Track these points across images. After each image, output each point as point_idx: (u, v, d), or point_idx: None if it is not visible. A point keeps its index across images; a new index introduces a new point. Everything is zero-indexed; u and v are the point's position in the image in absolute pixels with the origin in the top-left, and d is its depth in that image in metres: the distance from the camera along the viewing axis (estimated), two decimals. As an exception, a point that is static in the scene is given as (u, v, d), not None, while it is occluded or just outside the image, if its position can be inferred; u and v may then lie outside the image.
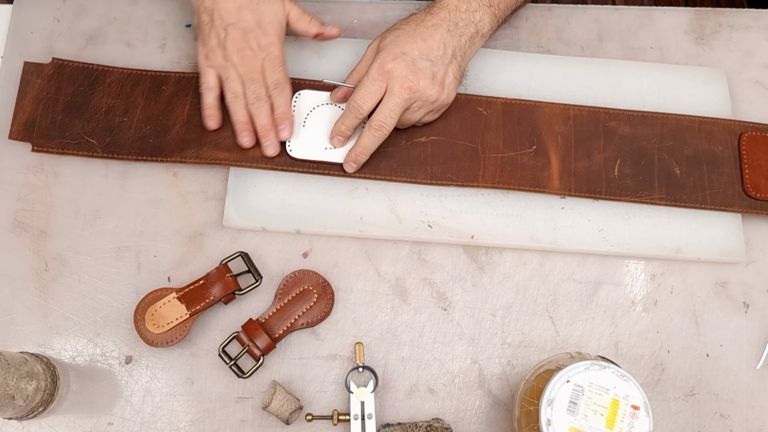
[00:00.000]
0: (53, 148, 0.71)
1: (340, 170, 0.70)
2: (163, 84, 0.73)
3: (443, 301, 0.69)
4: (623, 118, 0.72)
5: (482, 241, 0.69)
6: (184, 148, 0.70)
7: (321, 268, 0.69)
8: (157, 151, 0.71)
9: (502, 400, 0.66)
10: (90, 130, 0.72)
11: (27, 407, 0.62)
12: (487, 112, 0.72)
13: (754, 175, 0.71)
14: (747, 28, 0.79)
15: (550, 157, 0.71)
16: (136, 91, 0.73)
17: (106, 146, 0.71)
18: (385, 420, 0.65)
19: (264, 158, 0.70)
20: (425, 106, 0.68)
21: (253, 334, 0.65)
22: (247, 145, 0.70)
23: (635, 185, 0.70)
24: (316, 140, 0.70)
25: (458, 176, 0.70)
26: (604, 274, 0.70)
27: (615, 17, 0.79)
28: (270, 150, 0.70)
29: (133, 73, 0.74)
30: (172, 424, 0.65)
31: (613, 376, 0.54)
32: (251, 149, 0.70)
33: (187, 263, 0.69)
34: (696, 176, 0.71)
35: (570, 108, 0.72)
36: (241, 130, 0.70)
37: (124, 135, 0.71)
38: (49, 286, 0.69)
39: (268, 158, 0.70)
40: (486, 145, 0.71)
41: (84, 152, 0.71)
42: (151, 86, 0.73)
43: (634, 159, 0.71)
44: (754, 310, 0.69)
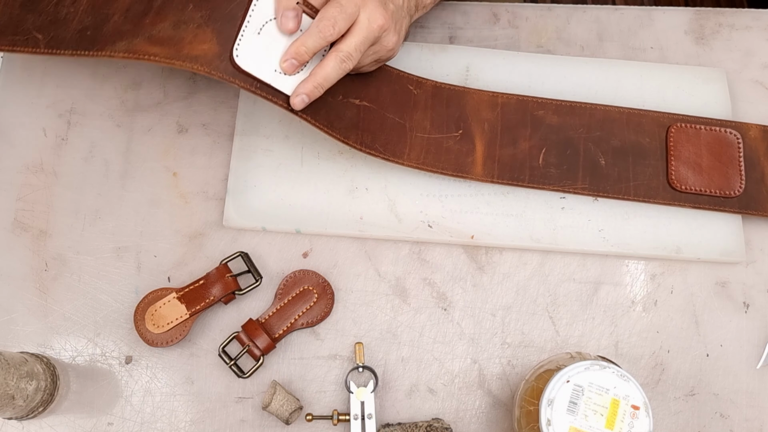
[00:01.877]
0: (5, 45, 0.65)
1: (285, 102, 0.60)
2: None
3: (443, 301, 0.69)
4: (551, 107, 0.72)
5: (482, 241, 0.70)
6: (116, 41, 0.61)
7: (321, 268, 0.69)
8: (90, 45, 0.62)
9: (502, 400, 0.66)
10: (39, 23, 0.65)
11: (27, 407, 0.62)
12: (417, 91, 0.71)
13: (680, 167, 0.71)
14: (747, 28, 0.79)
15: (476, 143, 0.70)
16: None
17: (49, 41, 0.64)
18: (385, 420, 0.65)
19: (197, 58, 0.58)
20: (379, 52, 0.64)
21: (253, 334, 0.65)
22: (292, 29, 0.59)
23: (559, 174, 0.70)
24: (268, 57, 0.60)
25: (386, 150, 0.68)
26: (604, 274, 0.70)
27: (615, 17, 0.80)
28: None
29: None
30: (172, 424, 0.65)
31: (613, 376, 0.54)
32: (186, 46, 0.59)
33: (187, 263, 0.69)
34: (621, 167, 0.71)
35: (498, 96, 0.72)
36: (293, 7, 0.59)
37: (66, 27, 0.64)
38: (49, 286, 0.69)
39: (203, 61, 0.58)
40: (414, 124, 0.70)
41: (30, 48, 0.64)
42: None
43: (559, 148, 0.71)
44: (754, 310, 0.69)
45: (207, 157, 0.73)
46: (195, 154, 0.73)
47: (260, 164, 0.72)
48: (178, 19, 0.60)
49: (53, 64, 0.76)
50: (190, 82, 0.76)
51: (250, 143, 0.72)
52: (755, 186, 0.70)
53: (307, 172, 0.71)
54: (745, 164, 0.71)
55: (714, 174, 0.71)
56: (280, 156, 0.72)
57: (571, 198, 0.71)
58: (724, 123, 0.73)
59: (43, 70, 0.76)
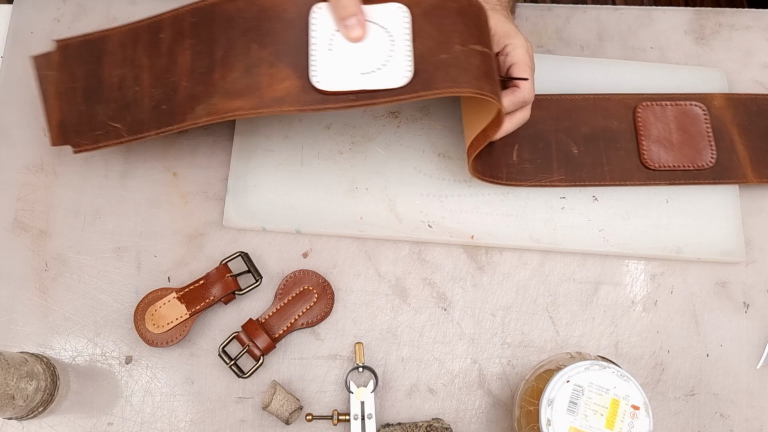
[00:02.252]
0: (89, 144, 0.64)
1: (386, 96, 0.56)
2: (159, 32, 0.62)
3: (443, 301, 0.69)
4: None
5: (482, 241, 0.69)
6: (194, 107, 0.58)
7: (321, 268, 0.69)
8: (171, 119, 0.60)
9: (502, 400, 0.66)
10: (111, 113, 0.63)
11: (27, 407, 0.62)
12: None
13: (651, 146, 0.71)
14: (747, 28, 0.79)
15: None
16: (138, 49, 0.62)
17: (129, 127, 0.62)
18: (385, 420, 0.65)
19: (284, 100, 0.55)
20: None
21: (253, 334, 0.65)
22: (360, 36, 0.56)
23: (534, 169, 0.70)
24: (349, 65, 0.56)
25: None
26: (604, 274, 0.70)
27: (615, 17, 0.79)
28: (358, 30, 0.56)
29: (130, 30, 0.64)
30: (172, 424, 0.65)
31: (613, 376, 0.54)
32: (267, 90, 0.56)
33: (187, 263, 0.69)
34: (594, 154, 0.71)
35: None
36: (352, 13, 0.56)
37: (140, 108, 0.62)
38: (49, 286, 0.69)
39: (290, 101, 0.55)
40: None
41: (114, 140, 0.63)
42: (150, 39, 0.62)
43: (531, 143, 0.71)
44: (754, 310, 0.69)
45: (207, 157, 0.73)
46: (195, 154, 0.73)
47: (260, 164, 0.72)
48: (247, 64, 0.57)
49: (53, 64, 0.76)
50: (190, 82, 0.76)
51: (250, 143, 0.72)
52: (726, 155, 0.71)
53: (307, 172, 0.71)
54: (714, 134, 0.72)
55: (685, 148, 0.71)
56: (280, 156, 0.72)
57: (571, 198, 0.71)
58: (688, 96, 0.73)
59: (43, 70, 0.76)
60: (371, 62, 0.56)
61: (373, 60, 0.56)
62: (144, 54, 0.63)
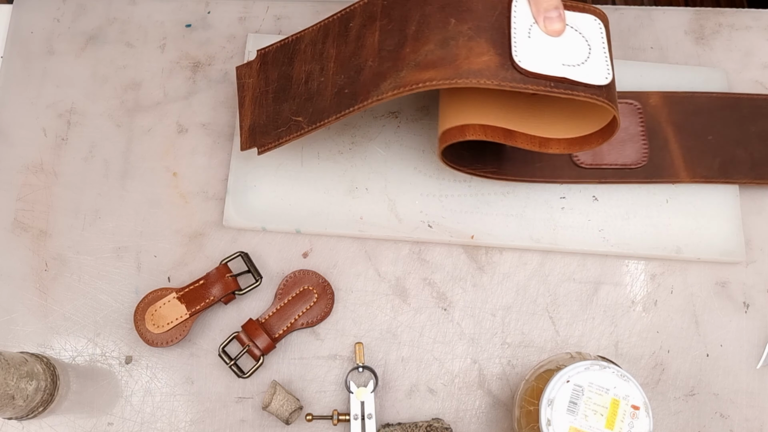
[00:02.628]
0: (271, 142, 0.64)
1: (586, 91, 0.56)
2: (350, 21, 0.63)
3: (443, 301, 0.69)
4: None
5: (482, 241, 0.69)
6: (379, 83, 0.58)
7: (321, 268, 0.69)
8: (353, 101, 0.59)
9: (502, 400, 0.66)
10: (296, 107, 0.64)
11: (27, 407, 0.62)
12: None
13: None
14: (747, 28, 0.79)
15: None
16: (327, 42, 0.64)
17: (310, 118, 0.62)
18: (385, 420, 0.65)
19: (481, 72, 0.55)
20: None
21: (253, 334, 0.65)
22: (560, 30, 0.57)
23: (471, 156, 0.69)
24: (549, 55, 0.56)
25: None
26: (604, 274, 0.70)
27: (615, 17, 0.79)
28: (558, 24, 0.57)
29: (322, 26, 0.65)
30: (172, 424, 0.65)
31: (613, 376, 0.54)
32: (464, 62, 0.55)
33: (187, 263, 0.69)
34: (525, 149, 0.68)
35: None
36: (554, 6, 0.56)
37: (322, 97, 0.62)
38: (49, 286, 0.69)
39: (488, 74, 0.55)
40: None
41: (294, 134, 0.63)
42: (340, 30, 0.63)
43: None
44: (754, 310, 0.69)
45: (207, 157, 0.73)
46: (195, 154, 0.73)
47: (260, 164, 0.72)
48: (444, 37, 0.57)
49: (53, 64, 0.76)
50: (190, 82, 0.76)
51: (250, 143, 0.72)
52: (659, 153, 0.71)
53: (307, 172, 0.71)
54: (647, 133, 0.71)
55: (616, 146, 0.70)
56: (280, 156, 0.72)
57: (571, 198, 0.71)
58: (623, 94, 0.73)
59: (43, 70, 0.76)
60: (572, 57, 0.57)
61: (574, 56, 0.57)
62: (332, 45, 0.63)
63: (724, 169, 0.71)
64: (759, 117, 0.73)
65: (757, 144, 0.72)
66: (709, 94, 0.73)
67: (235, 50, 0.77)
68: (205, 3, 0.79)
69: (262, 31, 0.78)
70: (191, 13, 0.79)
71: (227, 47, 0.77)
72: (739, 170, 0.71)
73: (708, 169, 0.70)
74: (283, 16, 0.79)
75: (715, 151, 0.71)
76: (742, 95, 0.73)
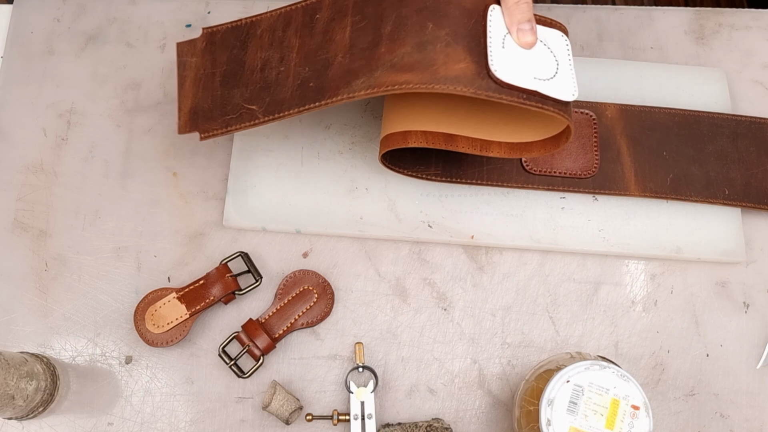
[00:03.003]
0: (218, 129, 0.62)
1: (555, 106, 0.56)
2: (316, 12, 0.61)
3: (443, 301, 0.69)
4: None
5: (482, 241, 0.70)
6: (350, 81, 0.57)
7: (321, 268, 0.69)
8: (319, 95, 0.58)
9: (502, 400, 0.66)
10: (248, 95, 0.61)
11: (27, 407, 0.62)
12: None
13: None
14: (747, 28, 0.79)
15: None
16: (289, 31, 0.62)
17: (266, 108, 0.60)
18: (385, 420, 0.65)
19: (457, 79, 0.54)
20: None
21: (253, 334, 0.65)
22: (532, 43, 0.57)
23: (413, 158, 0.68)
24: (522, 67, 0.56)
25: None
26: (604, 274, 0.70)
27: (615, 17, 0.79)
28: (531, 36, 0.57)
29: (282, 12, 0.63)
30: (172, 424, 0.65)
31: (613, 376, 0.54)
32: (441, 68, 0.55)
33: (187, 263, 0.69)
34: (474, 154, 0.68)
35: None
36: (527, 19, 0.57)
37: (282, 88, 0.60)
38: (49, 286, 0.69)
39: (464, 81, 0.54)
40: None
41: (246, 123, 0.61)
42: (304, 20, 0.61)
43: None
44: (754, 310, 0.69)
45: (207, 157, 0.73)
46: (195, 154, 0.73)
47: (260, 164, 0.72)
48: (421, 40, 0.56)
49: (53, 64, 0.76)
50: (190, 82, 0.76)
51: (250, 143, 0.72)
52: (610, 165, 0.70)
53: (307, 172, 0.71)
54: (600, 144, 0.71)
55: (567, 155, 0.70)
56: (280, 156, 0.72)
57: (571, 198, 0.71)
58: (580, 104, 0.72)
59: (43, 70, 0.76)
60: (542, 71, 0.57)
61: (544, 70, 0.57)
62: (295, 35, 0.61)
63: (675, 186, 0.70)
64: (718, 136, 0.72)
65: (714, 163, 0.71)
66: (668, 110, 0.73)
67: (235, 50, 0.77)
68: (205, 3, 0.79)
69: (262, 31, 0.78)
70: (191, 13, 0.79)
71: (227, 47, 0.77)
72: (692, 188, 0.70)
73: (659, 185, 0.70)
74: (283, 16, 0.79)
75: (669, 168, 0.71)
76: (702, 113, 0.73)
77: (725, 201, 0.70)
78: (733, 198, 0.70)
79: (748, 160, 0.72)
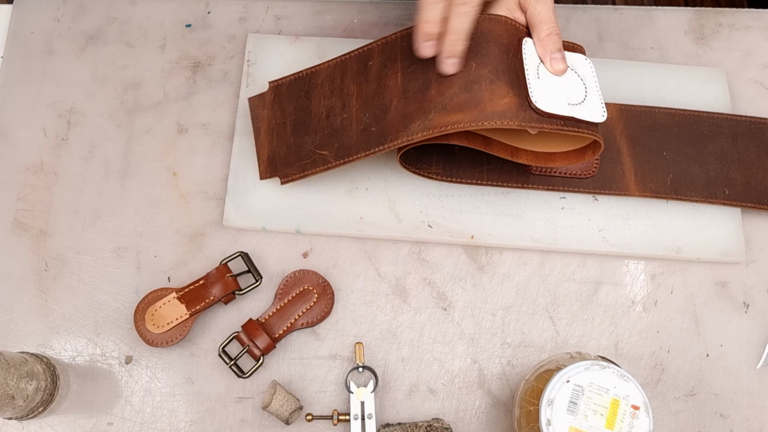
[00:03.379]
0: (295, 173, 0.67)
1: (588, 128, 0.61)
2: (368, 59, 0.66)
3: (443, 301, 0.69)
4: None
5: (482, 241, 0.69)
6: (408, 124, 0.61)
7: (321, 268, 0.69)
8: (381, 139, 0.62)
9: (502, 400, 0.66)
10: (319, 141, 0.66)
11: (27, 407, 0.62)
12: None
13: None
14: (747, 28, 0.79)
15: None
16: (346, 79, 0.67)
17: (336, 153, 0.65)
18: (385, 420, 0.65)
19: (504, 114, 0.58)
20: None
21: (253, 334, 0.65)
22: (428, 55, 0.60)
23: (416, 155, 0.69)
24: (557, 93, 0.61)
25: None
26: (604, 274, 0.70)
27: (615, 17, 0.79)
28: (452, 67, 0.60)
29: (338, 62, 0.68)
30: (172, 424, 0.65)
31: (613, 376, 0.54)
32: (488, 105, 0.59)
33: (187, 263, 0.69)
34: (474, 152, 0.69)
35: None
36: (427, 35, 0.60)
37: (348, 133, 0.65)
38: (49, 286, 0.69)
39: (510, 115, 0.58)
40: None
41: (321, 167, 0.66)
42: (358, 68, 0.66)
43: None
44: (754, 310, 0.69)
45: (207, 157, 0.73)
46: (195, 154, 0.73)
47: (260, 164, 0.72)
48: (466, 81, 0.60)
49: (53, 64, 0.76)
50: (190, 82, 0.76)
51: (250, 143, 0.72)
52: (611, 165, 0.71)
53: (307, 172, 0.71)
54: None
55: (568, 155, 0.70)
56: (280, 156, 0.72)
57: (571, 198, 0.71)
58: None
59: (43, 70, 0.76)
60: (574, 96, 0.61)
61: (575, 95, 0.61)
62: (352, 82, 0.66)
63: (675, 186, 0.70)
64: (718, 136, 0.72)
65: (714, 163, 0.71)
66: (668, 110, 0.73)
67: (235, 50, 0.77)
68: (205, 3, 0.79)
69: (262, 31, 0.78)
70: (191, 13, 0.79)
71: (227, 47, 0.77)
72: (692, 188, 0.70)
73: (659, 185, 0.70)
74: (283, 16, 0.79)
75: (669, 168, 0.71)
76: (702, 113, 0.73)
77: (725, 201, 0.70)
78: (733, 198, 0.70)
79: (748, 160, 0.72)
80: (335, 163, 0.65)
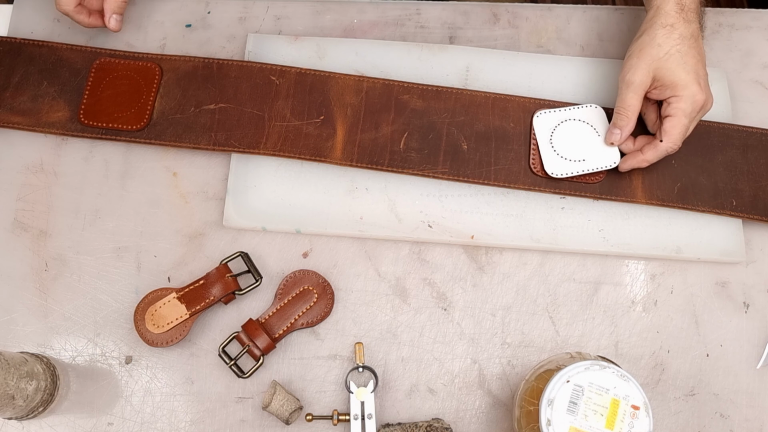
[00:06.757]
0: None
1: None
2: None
3: (443, 301, 0.69)
4: (417, 92, 0.73)
5: (482, 241, 0.69)
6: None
7: (321, 268, 0.69)
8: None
9: (502, 400, 0.66)
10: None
11: (27, 407, 0.62)
12: (279, 81, 0.73)
13: (532, 152, 0.72)
14: (747, 28, 0.79)
15: (336, 128, 0.72)
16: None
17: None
18: (385, 420, 0.65)
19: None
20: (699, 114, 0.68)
21: (253, 334, 0.65)
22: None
23: (420, 158, 0.71)
24: (568, 157, 0.70)
25: (241, 143, 0.71)
26: (604, 274, 0.70)
27: (615, 17, 0.79)
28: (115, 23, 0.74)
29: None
30: (172, 424, 0.65)
31: (613, 376, 0.54)
32: (46, 114, 0.72)
33: (187, 263, 0.69)
34: (483, 152, 0.71)
35: (364, 80, 0.73)
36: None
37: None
38: (49, 286, 0.69)
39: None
40: (273, 113, 0.72)
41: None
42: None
43: (422, 132, 0.72)
44: (754, 310, 0.69)
45: (207, 157, 0.73)
46: (195, 154, 0.73)
47: (260, 164, 0.72)
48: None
49: (53, 64, 0.76)
50: (190, 82, 0.76)
51: (250, 143, 0.72)
52: (618, 172, 0.71)
53: (307, 172, 0.71)
54: None
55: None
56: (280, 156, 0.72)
57: (571, 198, 0.71)
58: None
59: (43, 70, 0.76)
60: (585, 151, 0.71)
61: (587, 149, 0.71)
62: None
63: (683, 195, 0.70)
64: (728, 146, 0.72)
65: (723, 173, 0.71)
66: None
67: (235, 50, 0.77)
68: (205, 3, 0.79)
69: (262, 31, 0.78)
70: (191, 13, 0.79)
71: (227, 47, 0.77)
72: (700, 198, 0.70)
73: (666, 193, 0.70)
74: (283, 16, 0.79)
75: (677, 177, 0.71)
76: (713, 123, 0.73)
77: (732, 212, 0.70)
78: (740, 210, 0.70)
79: (758, 172, 0.72)
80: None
